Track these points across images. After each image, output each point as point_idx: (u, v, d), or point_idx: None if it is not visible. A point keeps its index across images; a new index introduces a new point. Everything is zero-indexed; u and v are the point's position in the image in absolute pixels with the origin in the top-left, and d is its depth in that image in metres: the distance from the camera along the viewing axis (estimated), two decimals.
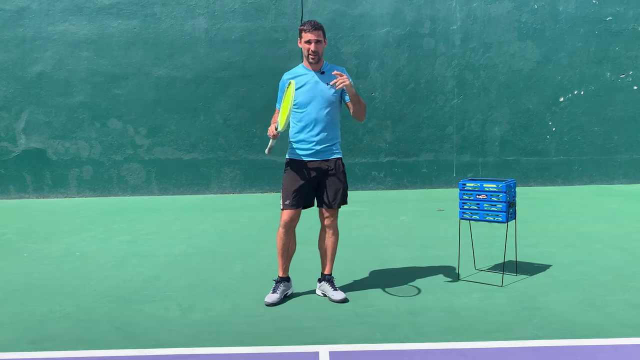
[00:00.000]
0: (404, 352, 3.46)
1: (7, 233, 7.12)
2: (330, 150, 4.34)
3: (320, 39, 4.22)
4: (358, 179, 9.83)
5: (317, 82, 4.28)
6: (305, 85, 4.27)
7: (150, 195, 9.88)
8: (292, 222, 4.33)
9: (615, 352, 3.40)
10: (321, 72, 4.30)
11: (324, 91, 4.26)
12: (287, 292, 4.44)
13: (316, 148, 4.29)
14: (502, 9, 9.78)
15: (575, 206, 8.07)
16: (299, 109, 4.29)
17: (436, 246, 5.95)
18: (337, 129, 4.40)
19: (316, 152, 4.30)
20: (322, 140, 4.29)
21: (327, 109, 4.28)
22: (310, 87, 4.27)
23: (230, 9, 9.77)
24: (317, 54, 4.22)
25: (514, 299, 4.31)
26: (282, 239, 4.35)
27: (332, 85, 4.13)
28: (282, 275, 4.42)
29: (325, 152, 4.32)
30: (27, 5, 9.70)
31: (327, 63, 4.39)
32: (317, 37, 4.19)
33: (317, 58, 4.24)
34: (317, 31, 4.20)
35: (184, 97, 9.81)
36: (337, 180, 4.34)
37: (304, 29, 4.21)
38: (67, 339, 3.75)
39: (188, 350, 3.55)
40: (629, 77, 9.84)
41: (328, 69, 4.33)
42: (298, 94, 4.25)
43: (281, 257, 4.41)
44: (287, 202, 4.28)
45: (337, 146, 4.39)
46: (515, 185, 4.80)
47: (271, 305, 4.25)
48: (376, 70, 9.82)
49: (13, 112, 9.81)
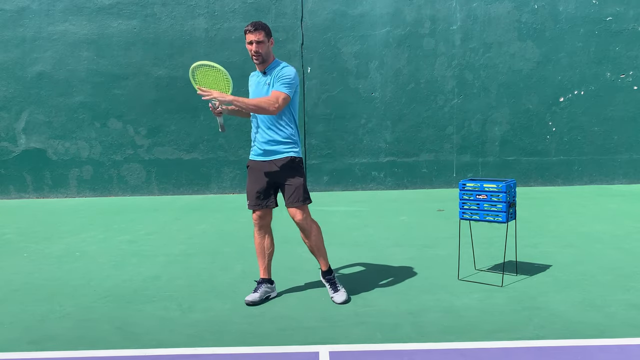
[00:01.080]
0: (405, 352, 3.46)
1: (7, 233, 7.12)
2: (279, 151, 4.27)
3: (262, 40, 4.17)
4: (358, 179, 9.84)
5: (259, 82, 4.33)
6: (251, 86, 4.40)
7: (150, 195, 9.88)
8: (261, 221, 4.40)
9: (616, 352, 3.40)
10: (264, 73, 4.30)
11: (263, 92, 4.27)
12: (270, 295, 4.44)
13: (264, 148, 4.29)
14: (502, 9, 9.78)
15: (575, 206, 8.08)
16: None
17: (436, 246, 5.95)
18: (287, 127, 4.27)
19: (265, 152, 4.30)
20: (268, 140, 4.27)
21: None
22: (254, 89, 4.37)
23: (230, 9, 9.77)
24: (260, 55, 4.20)
25: (514, 299, 4.31)
26: (256, 238, 4.46)
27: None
28: (262, 276, 4.46)
29: (274, 152, 4.28)
30: (27, 5, 9.70)
31: (278, 62, 4.30)
32: (257, 37, 4.17)
33: (261, 59, 4.22)
34: (257, 32, 4.17)
35: (184, 97, 9.81)
36: (291, 178, 4.27)
37: (246, 29, 4.20)
38: (68, 339, 3.75)
39: (188, 350, 3.55)
40: (629, 77, 9.84)
41: (271, 67, 4.27)
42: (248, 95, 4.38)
43: (259, 257, 4.49)
44: (249, 202, 4.39)
45: (288, 145, 4.28)
46: (515, 185, 4.80)
47: (251, 304, 4.28)
48: (376, 70, 9.82)
49: (13, 112, 9.81)
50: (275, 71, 4.25)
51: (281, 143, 4.28)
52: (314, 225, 4.36)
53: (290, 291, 4.58)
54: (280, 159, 4.28)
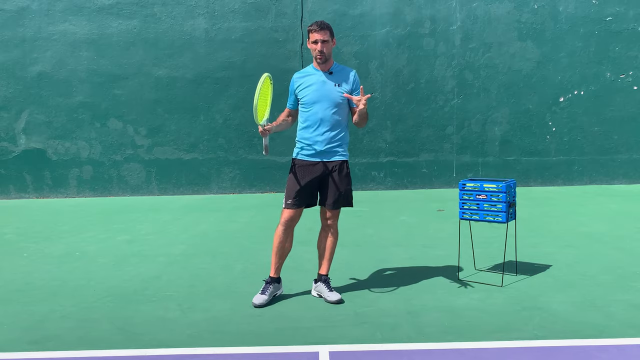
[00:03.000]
0: (404, 352, 3.46)
1: (7, 233, 7.12)
2: (335, 152, 4.34)
3: (327, 39, 4.23)
4: (358, 179, 9.83)
5: (325, 82, 4.29)
6: (312, 85, 4.30)
7: (150, 195, 9.87)
8: (292, 222, 4.34)
9: (617, 352, 3.40)
10: (329, 73, 4.31)
11: (331, 92, 4.27)
12: (277, 293, 4.43)
13: (320, 148, 4.30)
14: (502, 9, 9.78)
15: (575, 206, 8.07)
16: (305, 108, 4.32)
17: (436, 246, 5.95)
18: (344, 131, 4.40)
19: (320, 153, 4.31)
20: (326, 140, 4.29)
21: (334, 109, 4.29)
22: (317, 87, 4.29)
23: (230, 9, 9.77)
24: (324, 54, 4.23)
25: (514, 299, 4.31)
26: (280, 236, 4.36)
27: (355, 101, 4.18)
28: (274, 275, 4.41)
29: (329, 152, 4.32)
30: (27, 5, 9.70)
31: (338, 64, 4.40)
32: (323, 37, 4.21)
33: (324, 58, 4.25)
34: (323, 31, 4.21)
35: (184, 97, 9.81)
36: (340, 181, 4.33)
37: (311, 29, 4.24)
38: (68, 339, 3.75)
39: (188, 350, 3.55)
40: (629, 77, 9.84)
41: (338, 70, 4.35)
42: (305, 93, 4.31)
43: (275, 256, 4.41)
44: (289, 201, 4.30)
45: (343, 148, 4.39)
46: (515, 185, 4.80)
47: (259, 306, 4.24)
48: (376, 70, 9.82)
49: (13, 112, 9.81)
50: (349, 76, 4.32)
51: (340, 145, 4.36)
52: (337, 230, 4.48)
53: (290, 291, 4.58)
54: (336, 161, 4.34)
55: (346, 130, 4.42)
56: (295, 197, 4.28)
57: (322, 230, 4.47)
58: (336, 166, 4.34)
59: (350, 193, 4.42)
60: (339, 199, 4.34)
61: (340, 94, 4.28)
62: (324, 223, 4.42)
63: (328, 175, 4.33)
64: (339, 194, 4.33)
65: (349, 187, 4.41)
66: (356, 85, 4.33)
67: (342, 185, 4.35)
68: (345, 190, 4.37)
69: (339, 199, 4.34)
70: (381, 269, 5.19)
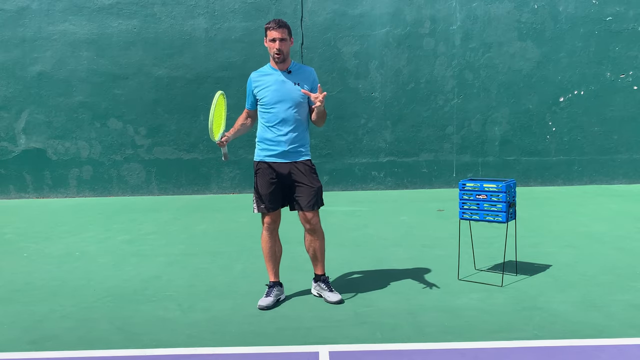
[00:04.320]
0: (404, 352, 3.46)
1: (7, 233, 7.12)
2: (299, 152, 4.27)
3: (285, 37, 4.17)
4: (358, 179, 9.84)
5: (284, 81, 4.23)
6: (272, 85, 4.24)
7: (150, 195, 9.87)
8: (274, 224, 4.35)
9: (616, 352, 3.40)
10: (288, 72, 4.26)
11: (292, 91, 4.22)
12: (280, 297, 4.40)
13: (284, 148, 4.24)
14: (502, 9, 9.78)
15: (575, 206, 8.07)
16: (265, 108, 4.26)
17: (436, 246, 5.95)
18: (306, 131, 4.33)
19: (284, 153, 4.25)
20: (290, 140, 4.24)
21: (295, 109, 4.23)
22: (277, 87, 4.23)
23: (230, 9, 9.77)
24: (282, 53, 4.17)
25: (514, 299, 4.31)
26: (268, 241, 4.36)
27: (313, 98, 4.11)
28: (273, 279, 4.40)
29: (293, 153, 4.26)
30: (27, 5, 9.70)
31: (295, 63, 4.34)
32: (281, 35, 4.15)
33: (282, 57, 4.19)
34: (281, 29, 4.15)
35: (184, 97, 9.81)
36: (309, 182, 4.26)
37: (269, 26, 4.18)
38: (67, 339, 3.75)
39: (188, 350, 3.55)
40: (629, 77, 9.84)
41: (296, 68, 4.29)
42: (265, 94, 4.24)
43: (269, 261, 4.39)
44: (263, 205, 4.28)
45: (305, 148, 4.32)
46: (515, 185, 4.80)
47: (265, 308, 4.21)
48: (376, 70, 9.82)
49: (13, 112, 9.81)
50: (305, 74, 4.26)
51: (303, 145, 4.29)
52: (321, 229, 4.38)
53: (290, 291, 4.58)
54: (300, 162, 4.27)
55: (307, 130, 4.35)
56: (269, 200, 4.25)
57: (307, 234, 4.36)
58: (302, 166, 4.27)
59: (321, 191, 4.31)
60: (312, 200, 4.24)
61: (300, 92, 4.21)
62: (307, 227, 4.32)
63: (295, 177, 4.25)
64: (313, 193, 4.24)
65: (319, 185, 4.31)
66: (315, 84, 4.24)
67: (312, 186, 4.25)
68: (316, 190, 4.26)
69: (312, 200, 4.24)
70: (381, 269, 5.19)
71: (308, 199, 4.24)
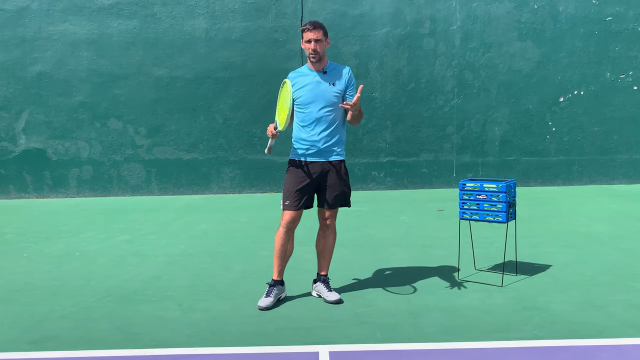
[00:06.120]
0: (404, 352, 3.46)
1: (7, 233, 7.12)
2: (332, 151, 4.32)
3: (321, 38, 4.21)
4: (358, 179, 9.83)
5: (319, 82, 4.27)
6: (307, 85, 4.28)
7: (150, 195, 9.87)
8: (293, 223, 4.33)
9: (616, 352, 3.40)
10: (323, 72, 4.30)
11: (326, 91, 4.26)
12: (281, 296, 4.41)
13: (317, 148, 4.28)
14: (502, 9, 9.78)
15: (575, 206, 8.07)
16: (301, 108, 4.30)
17: (436, 246, 5.95)
18: (341, 131, 4.37)
19: (317, 152, 4.29)
20: (323, 140, 4.27)
21: (329, 109, 4.27)
22: (312, 87, 4.26)
23: (230, 9, 9.77)
24: (318, 53, 4.22)
25: (514, 299, 4.31)
26: (282, 239, 4.33)
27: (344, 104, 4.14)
28: (277, 278, 4.39)
29: (326, 152, 4.31)
30: (27, 5, 9.70)
31: (332, 63, 4.39)
32: (317, 36, 4.19)
33: (318, 57, 4.23)
34: (317, 30, 4.20)
35: (184, 97, 9.81)
36: (338, 181, 4.33)
37: (305, 28, 4.23)
38: (67, 339, 3.75)
39: (188, 350, 3.55)
40: (629, 77, 9.84)
41: (332, 68, 4.34)
42: (300, 94, 4.27)
43: (278, 259, 4.38)
44: (288, 202, 4.28)
45: (340, 147, 4.37)
46: (515, 185, 4.80)
47: (265, 309, 4.21)
48: (376, 70, 9.82)
49: (13, 112, 9.81)
50: (342, 73, 4.30)
51: (337, 145, 4.33)
52: (335, 228, 4.50)
53: (290, 291, 4.58)
54: (334, 161, 4.32)
55: (343, 130, 4.40)
56: (295, 198, 4.26)
57: (320, 231, 4.47)
58: (334, 166, 4.33)
59: (348, 192, 4.42)
60: (338, 198, 4.34)
61: (335, 93, 4.26)
62: (322, 223, 4.42)
63: (326, 175, 4.32)
64: (337, 193, 4.33)
65: (348, 186, 4.41)
66: (350, 82, 4.30)
67: (340, 185, 4.34)
68: (343, 190, 4.36)
69: (338, 198, 4.34)
70: (381, 269, 5.19)
71: (332, 197, 4.32)
